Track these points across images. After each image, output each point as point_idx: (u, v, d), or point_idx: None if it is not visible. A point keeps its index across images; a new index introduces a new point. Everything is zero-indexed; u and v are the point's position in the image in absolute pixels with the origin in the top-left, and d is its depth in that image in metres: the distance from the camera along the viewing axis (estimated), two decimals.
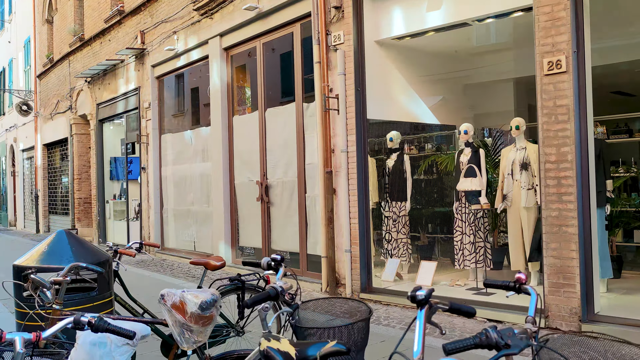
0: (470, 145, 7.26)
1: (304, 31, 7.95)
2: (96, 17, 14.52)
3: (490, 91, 8.75)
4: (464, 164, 7.23)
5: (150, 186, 11.92)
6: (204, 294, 2.66)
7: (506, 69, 8.29)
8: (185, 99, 12.18)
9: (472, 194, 7.12)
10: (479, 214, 7.18)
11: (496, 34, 7.41)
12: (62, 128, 17.10)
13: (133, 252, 4.08)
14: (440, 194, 8.74)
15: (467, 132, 7.20)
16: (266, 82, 8.74)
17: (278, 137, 8.44)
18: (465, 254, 7.24)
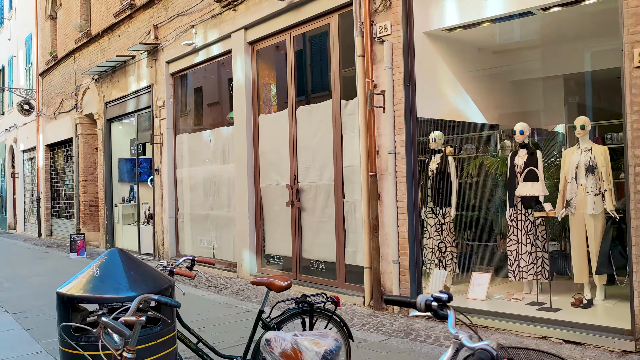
0: (526, 146, 6.67)
1: (342, 22, 7.34)
2: (104, 11, 13.88)
3: (537, 88, 8.16)
4: (519, 166, 6.63)
5: (165, 189, 11.28)
6: (325, 339, 2.05)
7: (556, 65, 7.70)
8: (203, 97, 11.55)
9: (531, 199, 6.53)
10: (537, 221, 6.59)
11: (555, 25, 6.81)
12: (67, 128, 16.43)
13: (192, 274, 3.46)
14: (482, 198, 8.14)
15: (523, 132, 6.60)
16: (297, 78, 8.12)
17: (311, 138, 7.82)
18: (521, 265, 6.64)
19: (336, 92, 7.38)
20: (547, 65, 7.64)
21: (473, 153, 8.18)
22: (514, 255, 6.69)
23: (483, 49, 7.40)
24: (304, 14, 7.76)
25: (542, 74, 7.85)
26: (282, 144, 8.33)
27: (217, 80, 10.92)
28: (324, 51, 7.63)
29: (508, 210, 6.73)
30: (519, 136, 6.62)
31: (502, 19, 6.27)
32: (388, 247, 6.56)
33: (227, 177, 9.62)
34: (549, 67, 7.65)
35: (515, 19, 6.19)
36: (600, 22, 6.13)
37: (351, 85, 7.20)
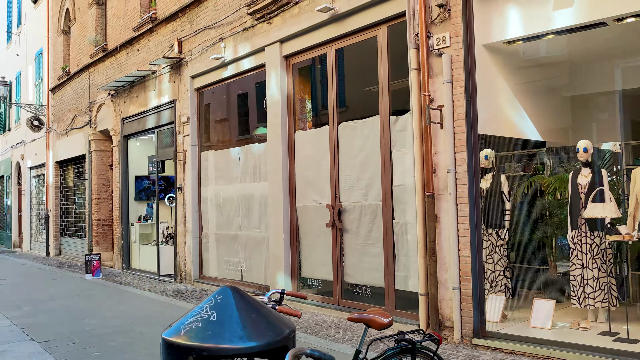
0: (589, 165, 6.31)
1: (391, 34, 7.00)
2: (122, 25, 13.56)
3: (592, 104, 7.81)
4: (583, 186, 6.27)
5: (188, 208, 10.85)
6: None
7: (614, 79, 7.35)
8: (231, 113, 11.17)
9: (598, 222, 6.14)
10: (603, 244, 6.20)
11: (627, 37, 6.45)
12: (79, 144, 16.02)
13: (299, 312, 3.02)
14: (534, 219, 7.75)
15: (587, 149, 6.25)
16: (339, 92, 7.76)
17: (355, 155, 7.44)
18: (587, 291, 6.23)
19: (384, 108, 7.01)
20: (608, 79, 7.30)
21: (527, 171, 7.82)
22: (578, 280, 6.29)
23: (541, 62, 7.05)
24: (348, 26, 7.41)
25: (600, 88, 7.50)
26: (322, 161, 7.94)
27: (246, 95, 10.56)
28: (370, 65, 7.27)
29: (570, 232, 6.34)
30: (582, 154, 6.26)
31: (569, 31, 5.92)
32: (447, 272, 6.14)
33: (258, 195, 9.21)
34: (609, 81, 7.31)
35: (585, 31, 5.84)
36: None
37: (401, 100, 6.84)
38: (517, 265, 7.66)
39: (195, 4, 10.54)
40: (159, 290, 10.41)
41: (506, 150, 7.54)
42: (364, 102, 7.77)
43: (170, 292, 10.21)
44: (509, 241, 7.08)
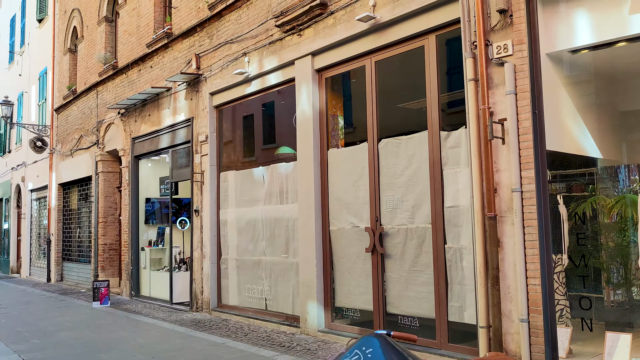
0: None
1: (440, 44, 6.51)
2: (134, 42, 13.09)
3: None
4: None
5: (205, 232, 10.23)
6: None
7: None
8: (254, 131, 10.63)
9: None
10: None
11: None
12: (85, 166, 15.43)
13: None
14: (594, 244, 7.17)
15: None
16: (379, 107, 7.23)
17: (399, 174, 6.88)
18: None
19: (433, 122, 6.48)
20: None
21: (579, 192, 7.26)
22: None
23: (606, 74, 6.56)
24: (390, 37, 6.92)
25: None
26: (359, 181, 7.38)
27: (270, 112, 10.03)
28: (415, 77, 6.77)
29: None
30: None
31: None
32: (512, 302, 5.54)
33: (286, 218, 8.62)
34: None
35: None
36: None
37: (452, 114, 6.32)
38: (577, 294, 7.06)
39: (216, 18, 10.08)
40: (174, 320, 9.73)
41: (569, 168, 7.01)
42: (407, 117, 7.26)
43: (187, 322, 9.53)
44: (568, 267, 6.50)
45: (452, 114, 7.14)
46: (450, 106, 7.42)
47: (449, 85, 7.06)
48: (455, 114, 7.13)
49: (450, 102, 7.42)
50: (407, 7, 6.59)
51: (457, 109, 7.19)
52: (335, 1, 7.61)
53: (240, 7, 9.49)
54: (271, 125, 10.25)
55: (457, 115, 7.31)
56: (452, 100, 7.06)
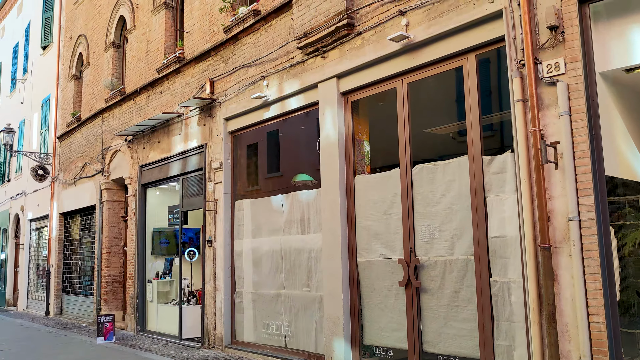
0: None
1: (481, 63, 6.15)
2: (143, 67, 12.76)
3: None
4: None
5: (218, 263, 9.72)
6: None
7: None
8: (272, 158, 10.21)
9: None
10: None
11: None
12: (88, 194, 14.95)
13: None
14: None
15: None
16: (412, 131, 6.84)
17: (436, 202, 6.44)
18: None
19: (475, 146, 6.07)
20: None
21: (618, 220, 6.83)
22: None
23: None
24: (424, 57, 6.57)
25: None
26: (391, 210, 6.94)
27: (289, 137, 9.62)
28: (451, 98, 6.41)
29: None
30: None
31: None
32: (570, 341, 5.06)
33: (308, 249, 8.14)
34: None
35: None
36: None
37: (499, 136, 5.93)
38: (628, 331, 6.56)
39: (231, 41, 9.76)
40: (185, 358, 9.16)
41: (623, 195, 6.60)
42: (442, 141, 6.86)
43: (199, 359, 8.95)
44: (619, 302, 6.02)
45: (489, 137, 6.75)
46: (487, 129, 7.03)
47: (489, 107, 6.69)
48: (492, 137, 6.75)
49: (487, 126, 7.03)
50: (445, 26, 6.25)
51: (497, 132, 6.83)
52: (363, 21, 7.29)
53: (259, 30, 9.18)
54: (290, 152, 9.83)
55: (496, 139, 6.94)
56: (487, 123, 6.67)
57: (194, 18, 11.03)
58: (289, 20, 8.54)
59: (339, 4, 7.39)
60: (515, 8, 5.62)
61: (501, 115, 6.79)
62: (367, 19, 7.24)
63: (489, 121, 6.80)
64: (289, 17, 8.54)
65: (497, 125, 6.95)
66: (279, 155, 10.05)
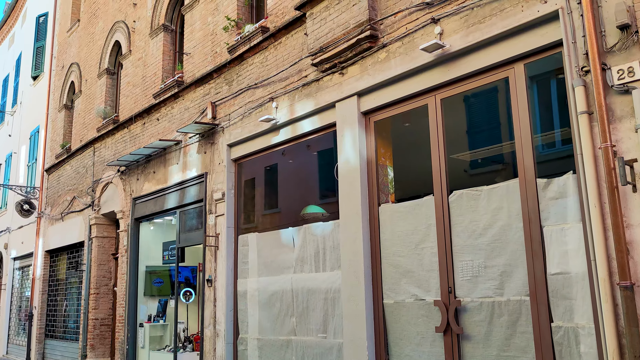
0: None
1: (532, 72, 5.38)
2: (138, 94, 11.97)
3: None
4: None
5: (220, 305, 8.72)
6: None
7: None
8: (281, 187, 9.32)
9: None
10: None
11: None
12: (77, 230, 13.93)
13: None
14: None
15: None
16: (447, 152, 6.01)
17: (479, 233, 5.56)
18: None
19: (527, 168, 5.23)
20: None
21: None
22: None
23: None
24: (461, 69, 5.79)
25: None
26: (423, 243, 6.05)
27: (301, 164, 8.77)
28: (496, 114, 5.60)
29: None
30: None
31: None
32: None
33: (324, 289, 7.19)
34: None
35: None
36: None
37: (554, 155, 5.11)
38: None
39: (236, 61, 9.00)
40: None
41: None
42: (493, 161, 6.02)
43: None
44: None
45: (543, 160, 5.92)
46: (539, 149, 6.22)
47: (541, 123, 5.90)
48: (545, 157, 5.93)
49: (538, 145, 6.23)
50: (487, 32, 5.49)
51: (550, 152, 6.01)
52: (389, 32, 6.54)
53: (267, 49, 8.43)
54: (302, 180, 8.96)
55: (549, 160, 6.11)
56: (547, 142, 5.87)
57: (194, 40, 10.31)
58: (301, 37, 7.81)
59: (361, 14, 6.66)
60: (575, 7, 4.87)
61: (560, 132, 5.99)
62: (393, 29, 6.49)
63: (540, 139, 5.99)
64: (301, 32, 7.80)
65: (550, 144, 6.14)
66: (289, 184, 9.17)
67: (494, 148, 6.87)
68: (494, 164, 6.92)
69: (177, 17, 11.52)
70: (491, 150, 6.70)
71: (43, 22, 18.40)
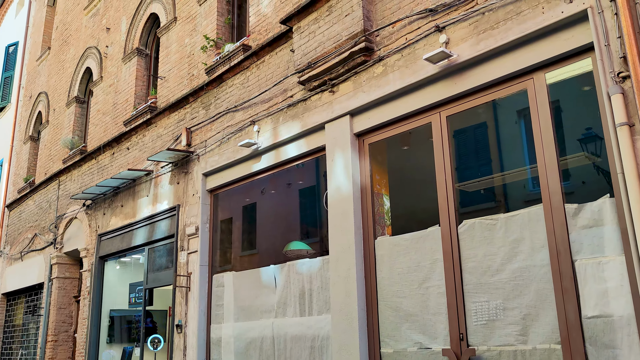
0: None
1: (553, 83, 4.69)
2: (108, 122, 11.13)
3: None
4: None
5: (190, 354, 7.69)
6: None
7: None
8: (261, 220, 8.45)
9: None
10: None
11: None
12: (36, 270, 12.78)
13: None
14: None
15: None
16: (456, 175, 5.25)
17: (496, 269, 4.75)
18: None
19: (552, 193, 4.47)
20: None
21: None
22: None
23: None
24: (471, 81, 5.09)
25: None
26: (429, 281, 5.21)
27: (285, 194, 7.94)
28: (510, 131, 4.88)
29: None
30: None
31: None
32: None
33: (310, 336, 6.25)
34: None
35: None
36: None
37: (584, 174, 4.37)
38: None
39: (215, 83, 8.26)
40: None
41: None
42: (509, 187, 5.26)
43: None
44: None
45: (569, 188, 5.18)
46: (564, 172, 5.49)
47: (565, 141, 5.19)
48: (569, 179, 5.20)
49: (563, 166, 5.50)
50: (501, 39, 4.82)
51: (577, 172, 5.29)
52: (386, 44, 5.85)
53: (249, 68, 7.72)
54: (286, 212, 8.11)
55: (577, 184, 5.38)
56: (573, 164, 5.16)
57: (170, 62, 9.57)
58: (286, 54, 7.11)
59: (355, 25, 5.98)
60: (607, 6, 4.23)
61: (576, 157, 5.28)
62: (391, 40, 5.81)
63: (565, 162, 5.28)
64: (286, 49, 7.11)
65: (576, 168, 5.43)
66: (271, 217, 8.31)
67: (509, 174, 6.15)
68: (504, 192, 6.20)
69: (152, 40, 10.82)
70: (505, 176, 5.98)
71: (13, 52, 17.60)
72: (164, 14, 10.03)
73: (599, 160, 5.89)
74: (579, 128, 5.14)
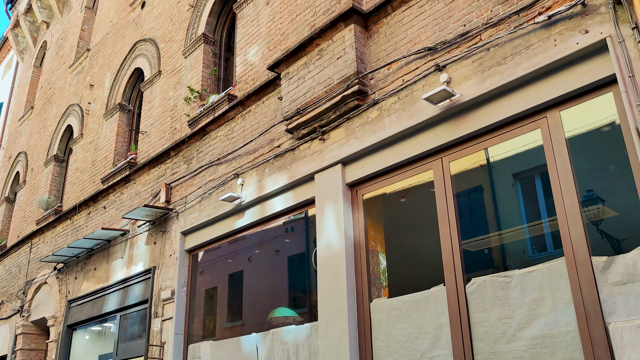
0: None
1: (572, 121, 4.20)
2: (86, 180, 10.54)
3: None
4: None
5: None
6: None
7: None
8: (244, 283, 7.71)
9: None
10: None
11: None
12: (0, 341, 11.76)
13: None
14: None
15: None
16: (461, 227, 4.65)
17: (512, 334, 4.06)
18: None
19: (577, 244, 3.87)
20: None
21: None
22: None
23: None
24: (476, 123, 4.60)
25: None
26: (435, 349, 4.50)
27: (270, 254, 7.26)
28: (522, 180, 4.33)
29: None
30: None
31: None
32: None
33: None
34: None
35: None
36: None
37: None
38: None
39: (198, 136, 7.76)
40: None
41: None
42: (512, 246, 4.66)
43: None
44: None
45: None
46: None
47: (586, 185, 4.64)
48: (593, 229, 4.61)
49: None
50: (509, 75, 4.37)
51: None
52: (381, 87, 5.40)
53: (234, 119, 7.24)
54: (272, 274, 7.41)
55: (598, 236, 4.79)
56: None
57: (152, 117, 9.12)
58: (274, 102, 6.65)
59: (347, 67, 5.55)
60: (629, 35, 3.80)
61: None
62: (386, 83, 5.36)
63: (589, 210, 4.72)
64: (274, 97, 6.66)
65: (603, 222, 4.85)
66: (254, 279, 7.59)
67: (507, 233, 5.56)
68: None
69: (136, 95, 10.43)
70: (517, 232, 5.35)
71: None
72: (148, 68, 9.68)
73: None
74: (602, 170, 4.63)
